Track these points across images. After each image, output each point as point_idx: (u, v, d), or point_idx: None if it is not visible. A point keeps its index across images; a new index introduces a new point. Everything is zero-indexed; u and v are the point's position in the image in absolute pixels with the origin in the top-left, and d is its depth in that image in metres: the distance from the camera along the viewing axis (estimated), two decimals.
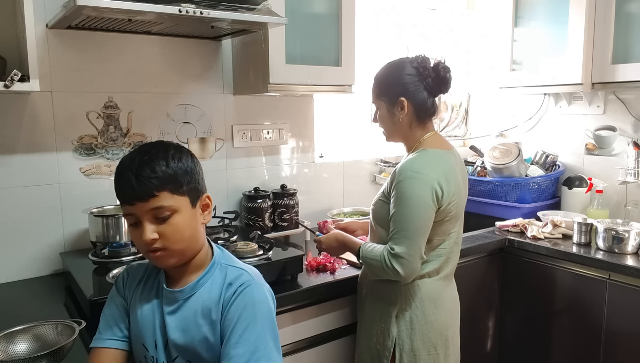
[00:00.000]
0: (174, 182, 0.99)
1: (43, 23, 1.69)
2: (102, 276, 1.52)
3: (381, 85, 1.56)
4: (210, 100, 2.09)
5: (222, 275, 1.07)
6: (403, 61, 1.54)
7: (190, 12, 1.47)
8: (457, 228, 1.55)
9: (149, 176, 0.96)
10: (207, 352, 1.03)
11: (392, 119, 1.54)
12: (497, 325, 2.32)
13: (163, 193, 0.97)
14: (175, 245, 1.01)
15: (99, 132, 1.85)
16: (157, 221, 0.99)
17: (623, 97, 2.45)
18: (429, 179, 1.41)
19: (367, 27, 2.54)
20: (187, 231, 1.02)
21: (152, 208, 0.98)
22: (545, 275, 2.14)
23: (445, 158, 1.51)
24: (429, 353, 1.52)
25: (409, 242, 1.40)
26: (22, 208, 1.72)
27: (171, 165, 0.99)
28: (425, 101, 1.51)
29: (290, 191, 2.21)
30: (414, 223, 1.41)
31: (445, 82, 1.52)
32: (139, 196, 0.97)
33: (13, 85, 1.40)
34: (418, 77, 1.50)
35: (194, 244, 1.05)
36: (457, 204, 1.49)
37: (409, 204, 1.41)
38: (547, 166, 2.64)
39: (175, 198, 0.99)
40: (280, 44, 1.85)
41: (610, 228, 2.02)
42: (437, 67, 1.51)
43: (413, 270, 1.43)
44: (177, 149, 1.04)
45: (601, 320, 1.98)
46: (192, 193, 1.03)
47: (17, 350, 1.12)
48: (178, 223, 1.00)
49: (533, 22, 2.50)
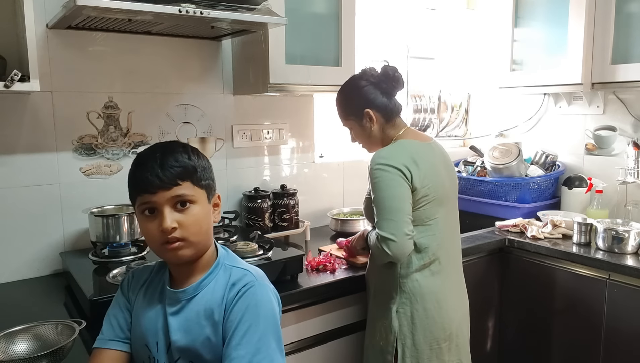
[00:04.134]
0: (195, 173, 1.03)
1: (43, 23, 1.69)
2: (102, 276, 1.52)
3: (344, 107, 1.67)
4: (210, 100, 2.09)
5: (226, 275, 1.07)
6: (353, 78, 1.67)
7: (190, 12, 1.47)
8: (441, 214, 1.58)
9: (174, 165, 1.00)
10: (209, 353, 1.03)
11: (366, 131, 1.64)
12: (497, 325, 2.32)
13: (186, 182, 1.01)
14: (194, 237, 1.02)
15: (99, 133, 1.85)
16: (177, 210, 1.01)
17: (623, 97, 2.45)
18: (393, 163, 1.50)
19: (367, 27, 2.54)
20: (204, 223, 1.04)
21: (174, 196, 1.00)
22: (545, 275, 2.14)
23: (415, 146, 1.57)
24: (432, 348, 1.54)
25: (389, 223, 1.47)
26: (22, 208, 1.72)
27: (192, 158, 1.04)
28: (387, 104, 1.62)
29: (290, 191, 2.21)
30: (389, 203, 1.48)
31: (397, 80, 1.62)
32: (163, 183, 0.99)
33: (13, 85, 1.40)
34: (372, 86, 1.61)
35: (208, 239, 1.07)
36: (433, 188, 1.53)
37: (380, 188, 1.50)
38: (547, 166, 2.64)
39: (196, 189, 1.03)
40: (280, 44, 1.85)
41: (610, 228, 2.03)
42: (385, 71, 1.62)
43: (402, 248, 1.47)
44: (193, 148, 1.08)
45: (601, 320, 1.98)
46: (208, 189, 1.07)
47: (17, 350, 1.12)
48: (197, 214, 1.02)
49: (533, 22, 2.50)
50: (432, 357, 1.54)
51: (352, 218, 2.31)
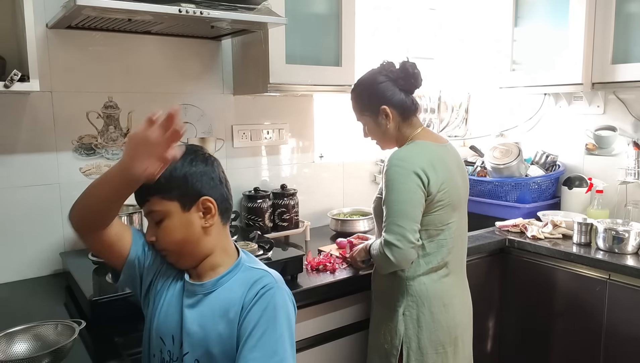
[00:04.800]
0: (163, 187, 1.03)
1: (43, 23, 1.69)
2: (102, 277, 1.52)
3: (360, 102, 1.63)
4: (210, 100, 2.09)
5: (245, 276, 1.08)
6: (372, 73, 1.61)
7: (190, 12, 1.47)
8: (455, 219, 1.56)
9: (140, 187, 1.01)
10: (217, 349, 1.03)
11: (381, 128, 1.60)
12: (497, 325, 2.32)
13: (153, 197, 1.04)
14: (172, 247, 1.07)
15: (99, 132, 1.85)
16: (155, 225, 1.07)
17: (623, 97, 2.45)
18: (411, 166, 1.46)
19: (367, 27, 2.54)
20: (176, 234, 1.05)
21: (147, 212, 1.07)
22: (545, 275, 2.14)
23: (433, 149, 1.54)
24: (437, 352, 1.52)
25: (396, 228, 1.44)
26: (22, 208, 1.72)
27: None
28: (404, 101, 1.57)
29: (290, 191, 2.21)
30: (399, 207, 1.45)
31: (416, 77, 1.57)
32: (138, 200, 1.06)
33: (13, 85, 1.40)
34: (390, 82, 1.56)
35: (191, 247, 1.07)
36: (449, 192, 1.50)
37: (394, 190, 1.46)
38: (547, 166, 2.64)
39: (164, 203, 1.04)
40: (280, 44, 1.85)
41: (610, 228, 2.02)
42: (403, 67, 1.56)
43: (404, 255, 1.44)
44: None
45: (601, 320, 1.98)
46: (183, 198, 1.05)
47: (17, 350, 1.11)
48: (168, 227, 1.05)
49: (533, 22, 2.50)
50: (437, 361, 1.53)
51: (352, 218, 2.31)
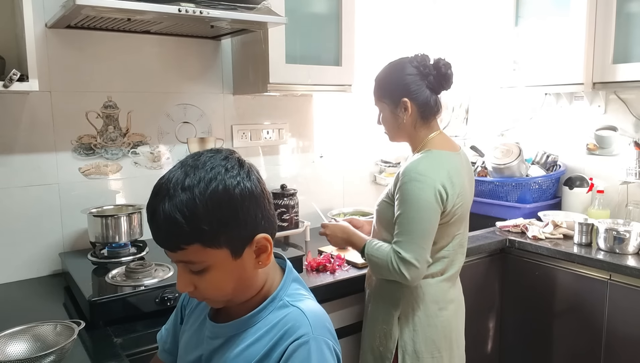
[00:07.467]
0: (204, 234, 0.78)
1: (42, 22, 1.69)
2: (101, 277, 1.52)
3: (383, 87, 1.53)
4: (209, 100, 2.08)
5: (278, 316, 0.87)
6: (403, 61, 1.51)
7: (190, 12, 1.47)
8: (461, 230, 1.54)
9: (170, 229, 0.78)
10: None
11: (396, 120, 1.51)
12: (498, 326, 2.31)
13: (192, 246, 0.79)
14: (218, 297, 0.87)
15: (98, 132, 1.85)
16: (192, 273, 0.83)
17: (624, 97, 2.44)
18: (433, 182, 1.39)
19: (367, 27, 2.54)
20: (227, 285, 0.84)
21: (181, 261, 0.82)
22: (546, 275, 2.14)
23: (451, 160, 1.48)
24: (433, 356, 1.50)
25: (416, 247, 1.39)
26: (21, 208, 1.72)
27: (198, 211, 0.77)
28: (428, 100, 1.48)
29: (290, 191, 2.20)
30: (420, 226, 1.39)
31: (447, 79, 1.49)
32: (166, 246, 0.81)
33: (12, 85, 1.39)
34: (419, 76, 1.47)
35: (243, 293, 0.88)
36: (462, 206, 1.47)
37: (414, 207, 1.39)
38: (548, 166, 2.63)
39: (209, 252, 0.80)
40: (280, 43, 1.85)
41: (611, 229, 2.02)
42: (437, 64, 1.48)
43: (419, 275, 1.42)
44: (215, 177, 0.79)
45: (602, 320, 1.97)
46: (234, 242, 0.82)
47: (16, 350, 1.11)
48: (213, 279, 0.83)
49: (534, 22, 2.50)
50: None
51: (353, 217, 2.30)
